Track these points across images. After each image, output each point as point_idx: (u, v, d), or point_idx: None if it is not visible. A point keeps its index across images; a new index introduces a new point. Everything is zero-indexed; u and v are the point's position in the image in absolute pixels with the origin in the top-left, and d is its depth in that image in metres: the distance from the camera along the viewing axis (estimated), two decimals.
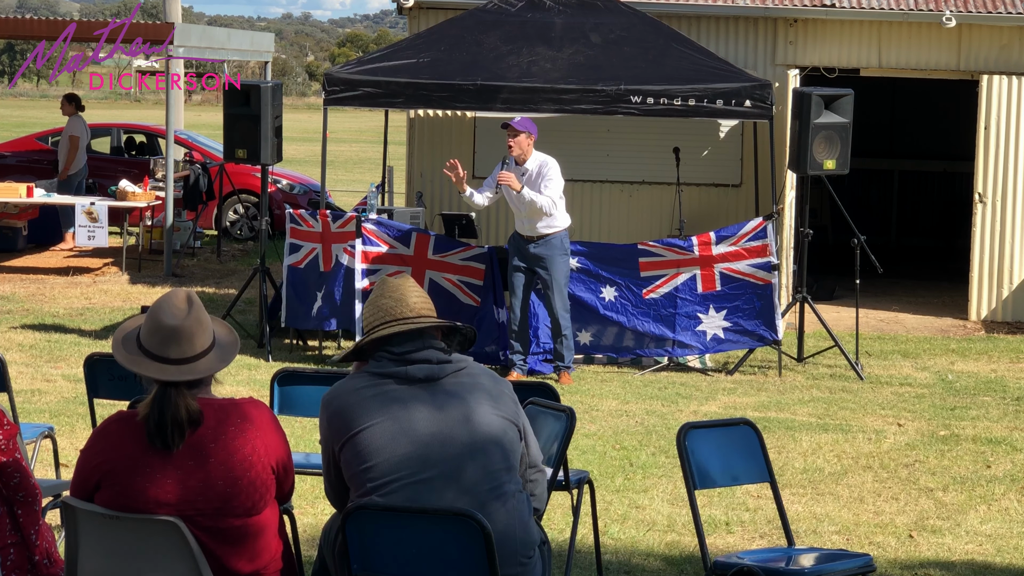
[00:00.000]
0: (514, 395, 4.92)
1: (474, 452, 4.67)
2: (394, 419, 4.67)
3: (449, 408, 4.71)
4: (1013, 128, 15.41)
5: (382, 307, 4.88)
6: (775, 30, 15.83)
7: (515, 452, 4.81)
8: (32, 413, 10.19)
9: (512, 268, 11.97)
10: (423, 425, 4.67)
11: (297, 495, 5.01)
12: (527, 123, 11.85)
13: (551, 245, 11.83)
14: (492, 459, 4.70)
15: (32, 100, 70.32)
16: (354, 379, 4.81)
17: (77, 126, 19.09)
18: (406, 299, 4.87)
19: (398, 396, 4.72)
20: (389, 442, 4.63)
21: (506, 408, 4.83)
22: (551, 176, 11.75)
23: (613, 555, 7.47)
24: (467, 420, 4.71)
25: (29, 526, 5.12)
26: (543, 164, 11.80)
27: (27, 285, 16.56)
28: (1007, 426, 10.84)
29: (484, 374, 4.88)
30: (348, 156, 40.90)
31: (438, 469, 4.62)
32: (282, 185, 21.97)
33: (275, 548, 4.69)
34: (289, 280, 12.86)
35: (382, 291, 4.93)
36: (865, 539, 7.91)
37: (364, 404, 4.70)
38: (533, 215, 11.76)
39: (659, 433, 10.21)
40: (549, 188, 11.71)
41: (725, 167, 15.87)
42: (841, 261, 15.63)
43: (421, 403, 4.71)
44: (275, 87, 13.56)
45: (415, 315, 4.85)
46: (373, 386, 4.74)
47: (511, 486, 4.75)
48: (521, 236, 11.93)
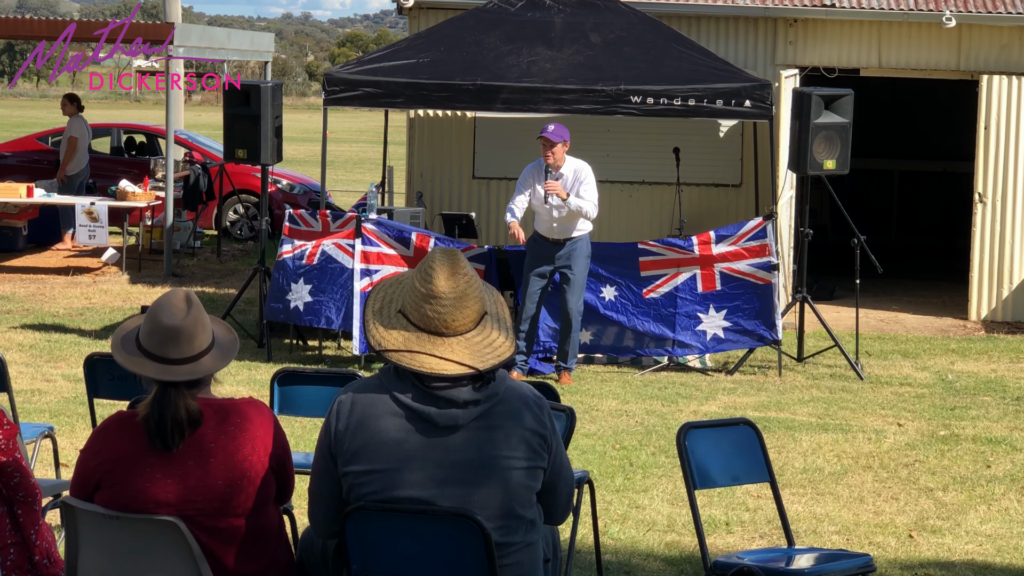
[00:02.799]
0: (548, 423, 4.49)
1: (474, 504, 4.36)
2: (397, 471, 4.37)
3: (461, 463, 4.36)
4: (1013, 128, 15.41)
5: (420, 310, 4.40)
6: (775, 30, 15.83)
7: (524, 501, 4.43)
8: (32, 413, 10.19)
9: (533, 272, 11.93)
10: (425, 476, 4.37)
11: (297, 495, 4.99)
12: (561, 131, 11.80)
13: (578, 247, 11.90)
14: (490, 512, 4.37)
15: (32, 100, 70.31)
16: (375, 398, 4.41)
17: (78, 127, 19.08)
18: (446, 314, 4.38)
19: (410, 444, 4.35)
20: (385, 487, 4.40)
21: (528, 451, 4.41)
22: (587, 180, 11.81)
23: (613, 555, 7.47)
24: (475, 474, 4.36)
25: (29, 526, 5.12)
26: (578, 170, 11.83)
27: (27, 285, 16.56)
28: (1007, 426, 10.84)
29: (513, 413, 4.42)
30: (348, 156, 40.90)
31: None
32: (282, 185, 21.97)
33: (275, 548, 4.69)
34: (274, 276, 12.79)
35: (426, 289, 4.39)
36: (865, 539, 7.91)
37: (374, 441, 4.37)
38: (572, 220, 11.79)
39: (659, 433, 10.21)
40: (588, 192, 11.76)
41: (725, 167, 15.88)
42: (841, 261, 15.63)
43: (432, 452, 4.38)
44: (275, 87, 13.56)
45: (449, 332, 4.38)
46: (391, 417, 4.38)
47: (515, 537, 4.43)
48: (547, 239, 11.91)
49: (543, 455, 4.47)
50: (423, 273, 4.42)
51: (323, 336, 13.19)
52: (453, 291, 4.38)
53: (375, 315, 4.48)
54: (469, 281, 4.42)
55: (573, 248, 11.88)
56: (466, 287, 4.41)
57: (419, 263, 4.50)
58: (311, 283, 12.49)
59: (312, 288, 12.48)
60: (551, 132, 11.74)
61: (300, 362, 12.60)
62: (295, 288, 12.52)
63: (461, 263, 4.43)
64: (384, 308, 4.49)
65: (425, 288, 4.39)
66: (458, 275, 4.40)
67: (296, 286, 12.52)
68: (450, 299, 4.38)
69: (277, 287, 12.67)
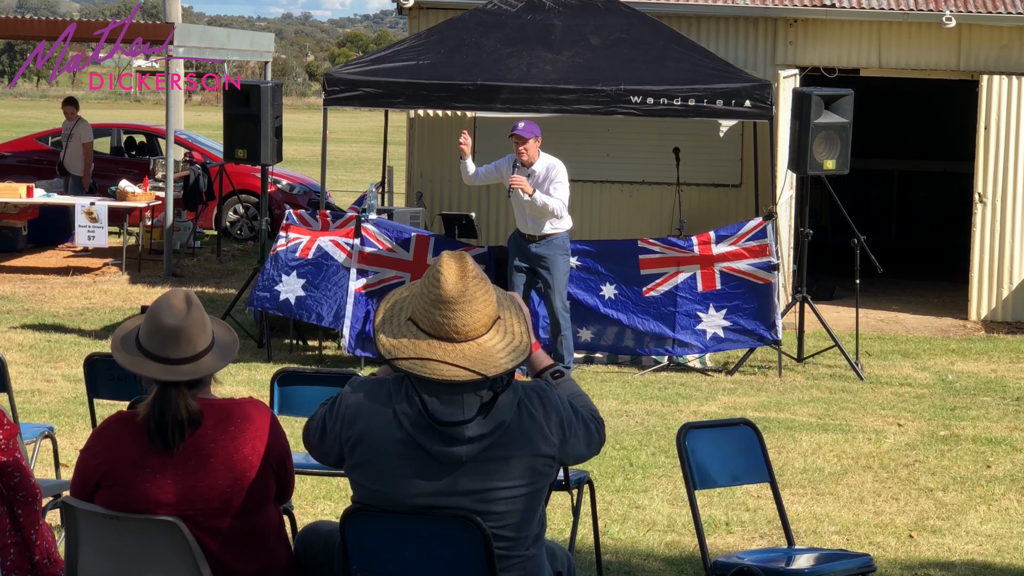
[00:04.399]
0: (557, 435, 4.40)
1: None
2: (396, 497, 4.33)
3: (461, 493, 4.31)
4: (1013, 128, 15.41)
5: (430, 316, 4.34)
6: (775, 30, 15.83)
7: (524, 524, 4.36)
8: (32, 413, 10.19)
9: (513, 268, 11.97)
10: (422, 499, 4.34)
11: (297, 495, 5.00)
12: (532, 128, 11.81)
13: (553, 245, 11.85)
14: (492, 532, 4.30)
15: (32, 100, 70.30)
16: (380, 412, 4.34)
17: (87, 131, 19.44)
18: (456, 318, 4.32)
19: (410, 474, 4.30)
20: (380, 500, 4.40)
21: (533, 476, 4.34)
22: (559, 179, 11.77)
23: (613, 555, 7.47)
24: (475, 501, 4.30)
25: (29, 526, 5.12)
26: (550, 167, 11.80)
27: (27, 285, 16.56)
28: (1007, 426, 10.84)
29: (522, 442, 4.32)
30: (348, 156, 40.90)
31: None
32: (282, 185, 21.97)
33: (275, 548, 4.69)
34: (265, 266, 12.73)
35: (434, 293, 4.33)
36: (865, 539, 7.91)
37: (376, 462, 4.34)
38: (541, 217, 11.77)
39: (659, 433, 10.21)
40: (558, 191, 11.73)
41: (725, 167, 15.88)
42: (841, 261, 15.63)
43: (431, 485, 4.30)
44: (275, 87, 13.56)
45: (459, 337, 4.31)
46: (394, 444, 4.31)
47: (515, 551, 4.38)
48: (523, 235, 11.93)
49: (551, 468, 4.41)
50: (431, 278, 4.37)
51: (323, 336, 13.19)
52: (462, 295, 4.33)
53: (383, 324, 4.42)
54: (479, 284, 4.37)
55: (549, 245, 11.85)
56: (475, 289, 4.36)
57: (427, 269, 4.45)
58: (304, 277, 12.46)
59: (305, 283, 12.45)
60: (522, 129, 11.74)
61: (300, 362, 12.60)
62: (286, 280, 12.48)
63: (469, 267, 4.38)
64: (393, 317, 4.44)
65: (434, 293, 4.35)
66: (467, 278, 4.36)
67: (288, 278, 12.48)
68: (459, 303, 4.33)
69: (267, 277, 12.58)
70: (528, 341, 4.44)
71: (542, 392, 4.45)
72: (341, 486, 8.24)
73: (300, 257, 12.46)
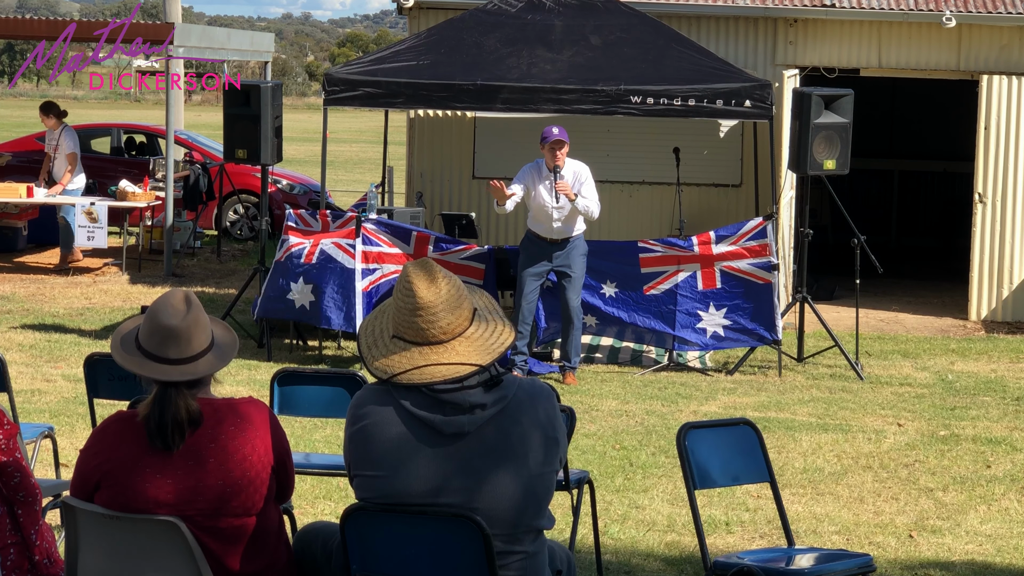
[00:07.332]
0: (557, 423, 4.45)
1: (478, 510, 4.32)
2: (398, 478, 4.35)
3: (465, 470, 4.32)
4: (1013, 128, 15.41)
5: (414, 326, 4.37)
6: (775, 30, 15.83)
7: (536, 504, 4.39)
8: (32, 413, 10.19)
9: (528, 272, 11.92)
10: (426, 486, 4.34)
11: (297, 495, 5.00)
12: (565, 133, 11.84)
13: (576, 246, 11.94)
14: (495, 518, 4.33)
15: (32, 100, 70.22)
16: (381, 409, 4.39)
17: (73, 142, 17.91)
18: (438, 320, 4.37)
19: (412, 452, 4.32)
20: (385, 493, 4.39)
21: (537, 459, 4.37)
22: (588, 181, 11.88)
23: (613, 555, 7.47)
24: (480, 480, 4.32)
25: (29, 526, 5.12)
26: (578, 171, 11.90)
27: (27, 285, 16.56)
28: (1007, 426, 10.84)
29: (517, 419, 4.37)
30: (348, 156, 40.90)
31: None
32: (282, 185, 21.97)
33: (275, 548, 4.69)
34: (271, 273, 12.77)
35: (410, 303, 4.39)
36: (865, 539, 7.91)
37: (377, 451, 4.36)
38: (572, 220, 11.83)
39: (659, 433, 10.21)
40: (590, 192, 11.86)
41: (725, 167, 15.88)
42: (841, 261, 15.63)
43: (435, 459, 4.32)
44: (275, 87, 13.56)
45: (447, 337, 4.37)
46: (395, 426, 4.35)
47: (517, 547, 4.39)
48: (545, 240, 11.90)
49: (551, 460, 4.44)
50: (402, 291, 4.42)
51: (323, 336, 13.19)
52: (437, 296, 4.39)
53: (369, 351, 4.47)
54: (450, 283, 4.43)
55: (572, 248, 11.90)
56: (449, 288, 4.41)
57: (394, 286, 4.50)
58: (311, 282, 12.47)
59: (313, 288, 12.47)
60: (559, 133, 11.74)
61: (300, 362, 12.60)
62: (295, 288, 12.50)
63: (435, 269, 4.44)
64: (377, 341, 4.47)
65: (410, 303, 4.39)
66: (437, 281, 4.41)
67: (296, 285, 12.49)
68: (437, 304, 4.38)
69: (276, 286, 12.63)
70: (506, 321, 4.52)
71: (544, 385, 4.55)
72: (341, 486, 8.24)
73: (305, 263, 12.48)
